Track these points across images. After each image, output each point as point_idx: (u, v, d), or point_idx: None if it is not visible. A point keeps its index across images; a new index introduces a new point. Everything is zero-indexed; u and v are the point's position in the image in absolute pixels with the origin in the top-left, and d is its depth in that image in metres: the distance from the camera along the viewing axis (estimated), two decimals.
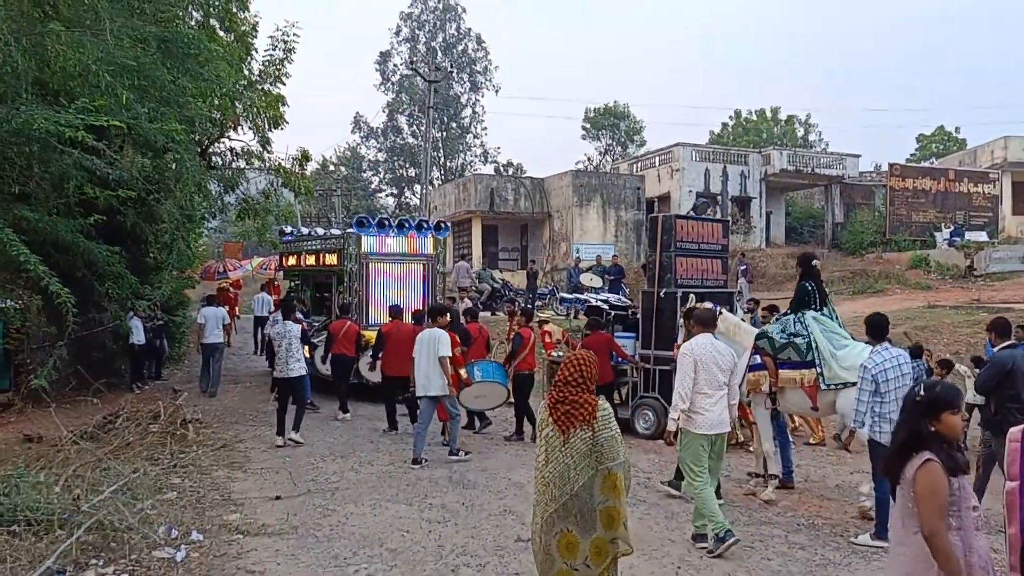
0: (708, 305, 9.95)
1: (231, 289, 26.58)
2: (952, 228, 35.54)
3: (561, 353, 14.51)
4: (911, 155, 62.51)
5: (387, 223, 16.67)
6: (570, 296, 22.16)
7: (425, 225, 17.18)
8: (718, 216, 26.69)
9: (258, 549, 7.25)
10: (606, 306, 15.88)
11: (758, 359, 9.67)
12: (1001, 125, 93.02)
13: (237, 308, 26.39)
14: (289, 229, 19.61)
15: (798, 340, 9.37)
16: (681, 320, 11.13)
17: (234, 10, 16.17)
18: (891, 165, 39.10)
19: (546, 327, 14.99)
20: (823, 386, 9.05)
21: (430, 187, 42.04)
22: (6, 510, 7.05)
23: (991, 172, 39.08)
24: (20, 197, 9.86)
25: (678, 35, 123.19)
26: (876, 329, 8.02)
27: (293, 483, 9.59)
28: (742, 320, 11.80)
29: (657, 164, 40.52)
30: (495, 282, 28.45)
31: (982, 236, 34.98)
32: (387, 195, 68.78)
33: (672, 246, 13.74)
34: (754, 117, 66.35)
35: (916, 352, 11.91)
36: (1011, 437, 4.33)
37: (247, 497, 8.98)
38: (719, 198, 39.00)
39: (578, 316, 16.65)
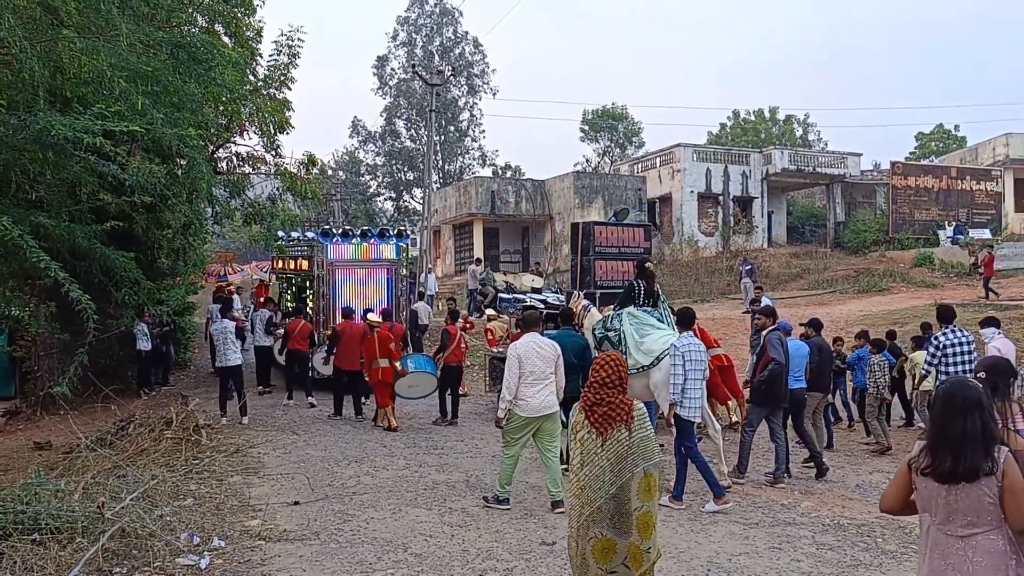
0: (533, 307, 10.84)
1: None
2: (955, 226, 35.56)
3: (501, 349, 15.64)
4: (910, 153, 62.54)
5: (351, 233, 18.16)
6: (508, 296, 23.03)
7: (387, 233, 18.47)
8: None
9: (281, 555, 7.19)
10: (542, 306, 16.44)
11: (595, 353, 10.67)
12: (1001, 123, 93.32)
13: None
14: (280, 234, 19.72)
15: (611, 334, 10.56)
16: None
17: (239, 15, 16.12)
18: (893, 163, 39.14)
19: (489, 325, 16.16)
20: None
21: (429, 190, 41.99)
22: (28, 518, 6.99)
23: (993, 169, 39.12)
24: (35, 204, 9.82)
25: (675, 37, 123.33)
26: (684, 320, 9.26)
27: (310, 488, 9.54)
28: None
29: (658, 165, 40.54)
30: (497, 285, 28.49)
31: (985, 233, 35.03)
32: (385, 199, 68.76)
33: (591, 251, 14.54)
34: (752, 117, 66.35)
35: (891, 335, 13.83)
36: None
37: (265, 503, 8.91)
38: (720, 198, 39.01)
39: (513, 315, 17.76)
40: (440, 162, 63.05)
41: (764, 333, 10.11)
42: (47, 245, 8.53)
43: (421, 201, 47.59)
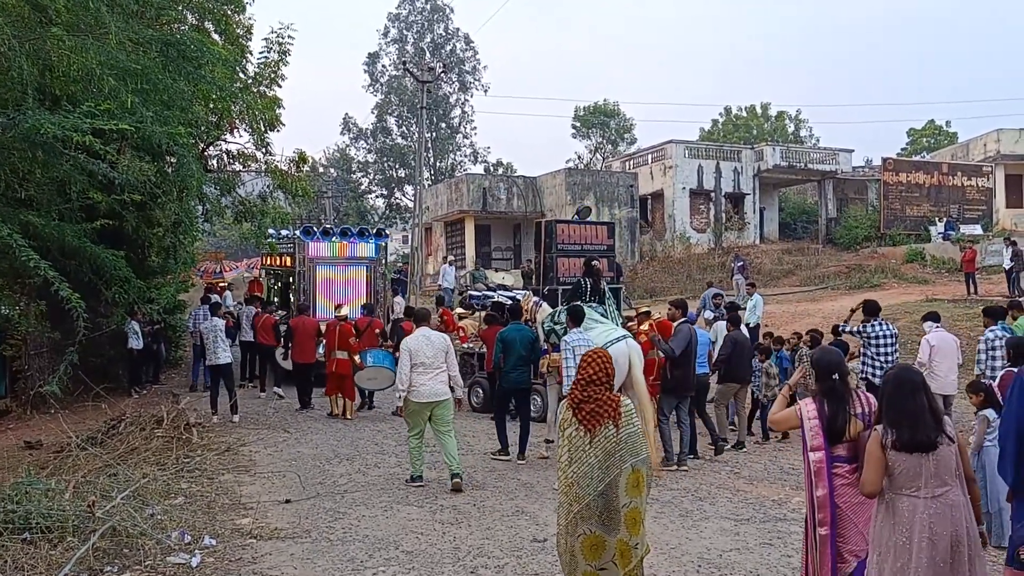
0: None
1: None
2: (946, 222, 35.59)
3: (470, 345, 16.39)
4: (902, 150, 62.61)
5: (331, 231, 19.02)
6: (478, 293, 23.30)
7: (366, 232, 19.38)
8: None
9: (272, 553, 7.19)
10: (510, 303, 16.73)
11: (545, 345, 11.57)
12: (992, 119, 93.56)
13: None
14: (271, 231, 19.80)
15: (557, 327, 10.98)
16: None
17: (229, 13, 16.10)
18: (884, 159, 39.21)
19: (461, 323, 16.69)
20: None
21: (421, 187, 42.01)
22: (19, 518, 6.99)
23: (984, 165, 39.16)
24: (25, 202, 9.79)
25: (667, 34, 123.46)
26: (574, 317, 10.11)
27: (302, 486, 9.55)
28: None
29: (650, 161, 40.54)
30: (487, 283, 28.47)
31: (976, 229, 35.12)
32: (376, 196, 68.62)
33: (553, 248, 14.89)
34: (744, 114, 66.38)
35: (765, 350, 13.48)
36: (806, 415, 4.93)
37: (256, 501, 8.92)
38: (712, 194, 39.05)
39: (483, 311, 18.15)
40: (431, 159, 62.92)
41: (675, 325, 10.84)
42: (37, 244, 8.53)
43: (412, 198, 47.57)
